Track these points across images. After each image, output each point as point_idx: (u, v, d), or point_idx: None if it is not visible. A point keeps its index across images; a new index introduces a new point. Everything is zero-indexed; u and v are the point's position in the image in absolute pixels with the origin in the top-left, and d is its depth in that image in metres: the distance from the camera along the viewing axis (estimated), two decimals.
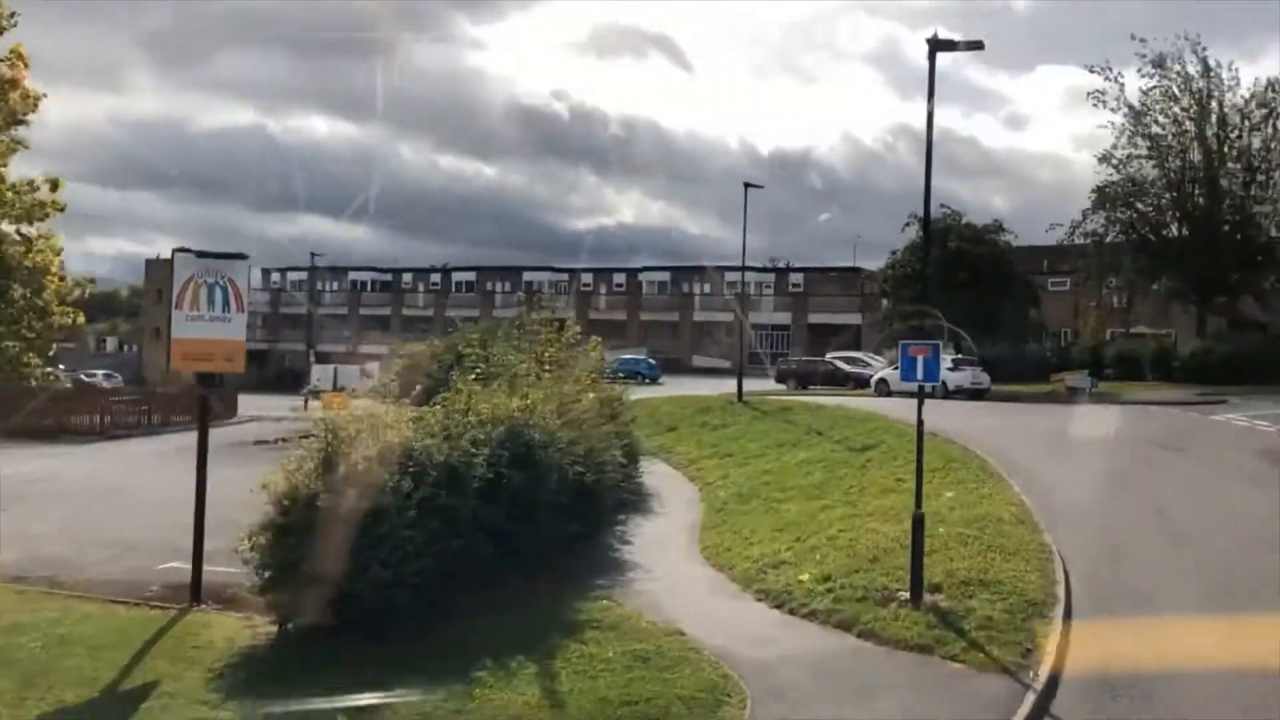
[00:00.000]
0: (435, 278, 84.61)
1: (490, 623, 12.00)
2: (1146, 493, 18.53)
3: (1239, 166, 45.97)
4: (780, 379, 53.97)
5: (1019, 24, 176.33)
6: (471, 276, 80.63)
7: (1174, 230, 47.74)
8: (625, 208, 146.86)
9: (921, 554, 12.76)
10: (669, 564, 15.99)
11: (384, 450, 12.14)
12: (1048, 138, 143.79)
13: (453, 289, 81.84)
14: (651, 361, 61.30)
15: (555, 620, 12.21)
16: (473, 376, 17.70)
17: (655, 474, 24.46)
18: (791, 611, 12.92)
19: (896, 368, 41.81)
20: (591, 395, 20.78)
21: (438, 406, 14.80)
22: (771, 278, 76.14)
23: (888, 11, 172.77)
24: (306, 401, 41.76)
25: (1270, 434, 26.37)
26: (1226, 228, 46.48)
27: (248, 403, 45.34)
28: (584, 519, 16.01)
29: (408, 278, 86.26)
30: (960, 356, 41.15)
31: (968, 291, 43.60)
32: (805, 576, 14.00)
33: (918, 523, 12.83)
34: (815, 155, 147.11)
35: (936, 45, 12.62)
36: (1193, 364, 44.48)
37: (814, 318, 69.85)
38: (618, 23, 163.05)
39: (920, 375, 13.07)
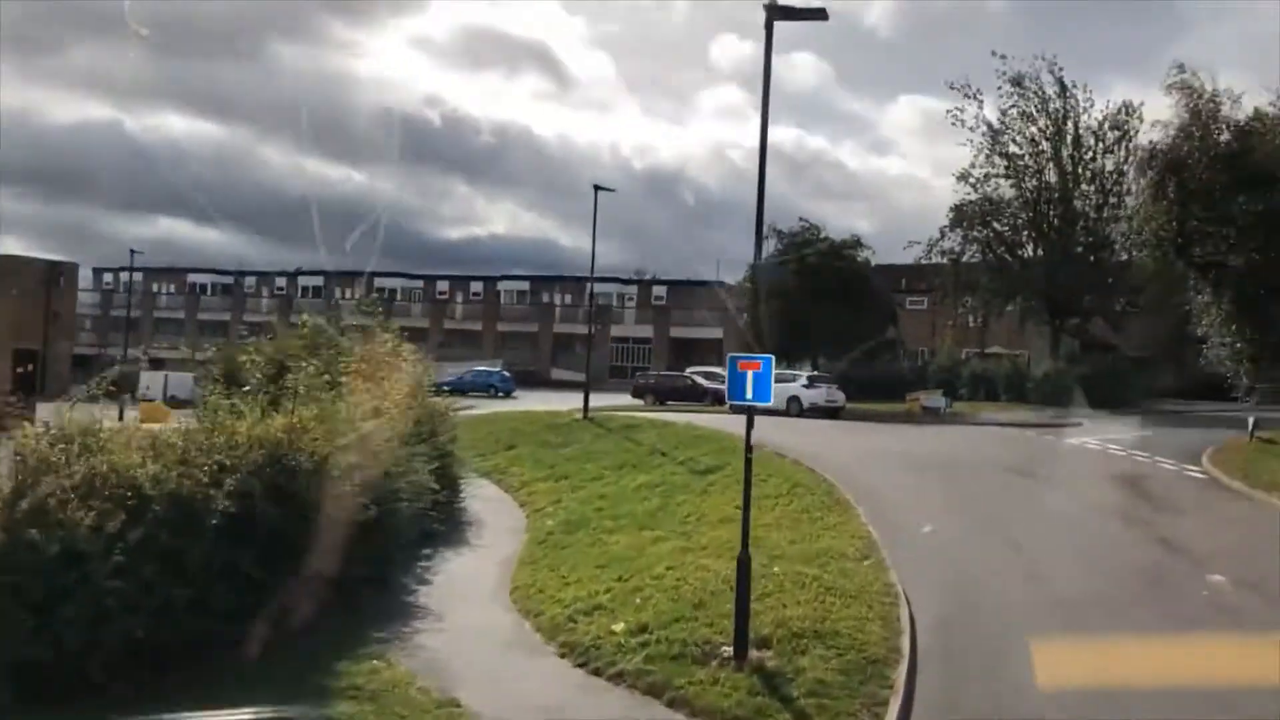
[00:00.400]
0: (281, 282, 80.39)
1: (218, 693, 9.66)
2: (1001, 524, 17.22)
3: (1093, 188, 46.37)
4: (637, 394, 52.37)
5: (883, 52, 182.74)
6: (319, 281, 76.65)
7: (1030, 250, 47.91)
8: (497, 218, 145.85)
9: (747, 604, 10.95)
10: (468, 610, 13.84)
11: (88, 479, 9.74)
12: (910, 163, 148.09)
13: (299, 294, 77.83)
14: (506, 374, 58.95)
15: (303, 689, 9.96)
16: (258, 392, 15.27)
17: (482, 499, 22.32)
18: (596, 671, 10.92)
19: None
20: (395, 412, 18.50)
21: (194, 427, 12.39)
22: (634, 290, 74.61)
23: (758, 34, 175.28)
24: (122, 411, 38.13)
25: (1121, 458, 25.74)
26: (1080, 249, 46.80)
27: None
28: (371, 558, 13.72)
29: (251, 281, 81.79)
30: (816, 374, 40.16)
31: (826, 307, 42.76)
32: (619, 627, 12.06)
33: (743, 567, 11.02)
34: (688, 171, 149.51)
35: (774, 12, 10.87)
36: (1045, 386, 44.53)
37: (677, 331, 68.33)
38: (492, 30, 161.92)
39: (749, 393, 11.25)
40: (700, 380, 52.35)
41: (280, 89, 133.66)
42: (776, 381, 35.97)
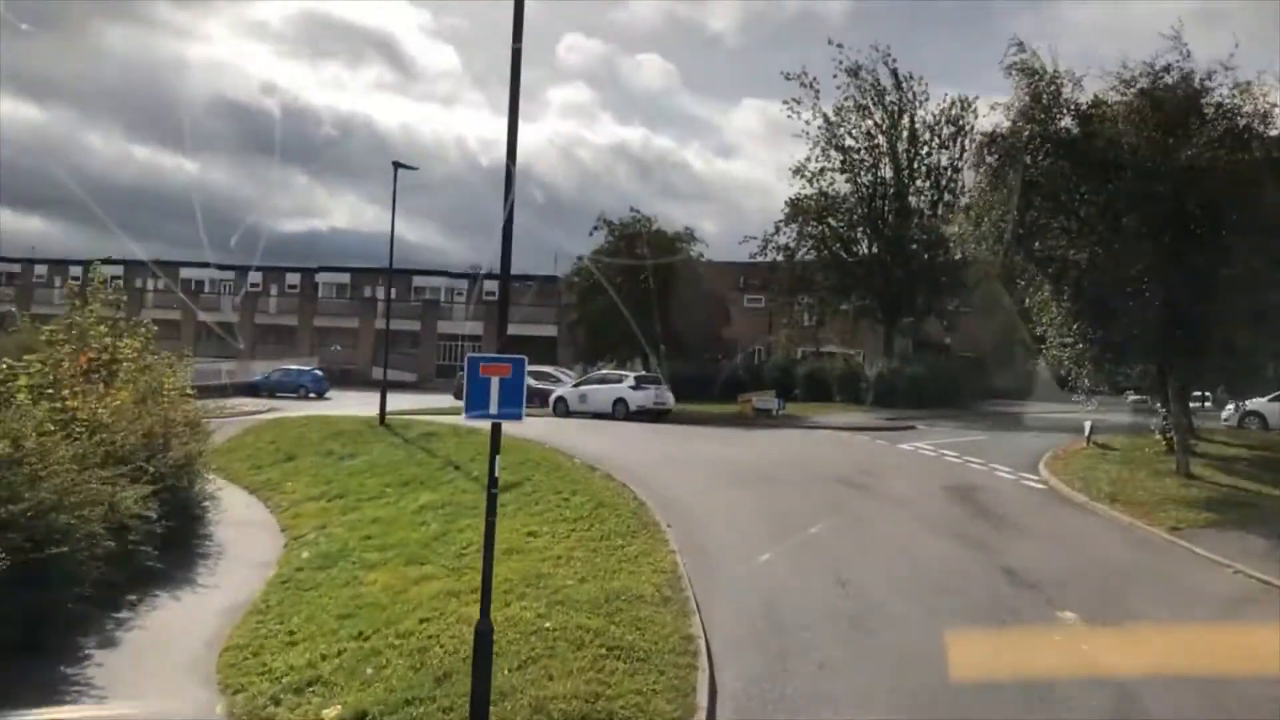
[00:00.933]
0: (76, 271, 73.23)
1: None
2: (828, 550, 14.87)
3: (928, 184, 45.44)
4: (459, 395, 48.96)
5: (727, 56, 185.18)
6: (119, 271, 69.98)
7: (865, 248, 46.65)
8: (339, 211, 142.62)
9: (486, 689, 8.26)
10: (148, 685, 10.62)
11: None
12: (755, 166, 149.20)
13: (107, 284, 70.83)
14: (318, 373, 54.65)
15: None
16: None
17: (238, 524, 18.89)
18: None
19: (579, 385, 37.97)
20: (108, 420, 15.05)
21: None
22: (465, 285, 70.97)
23: (605, 33, 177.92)
24: None
25: (956, 465, 24.08)
26: (915, 246, 45.81)
27: None
28: (16, 618, 10.36)
29: (41, 270, 74.48)
30: (644, 374, 37.75)
31: (656, 302, 40.43)
32: (331, 714, 9.11)
33: (482, 640, 8.25)
34: (536, 169, 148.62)
35: None
36: (880, 386, 43.32)
37: (511, 329, 64.81)
38: (333, 18, 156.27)
39: (493, 404, 8.48)
40: (529, 381, 49.48)
41: (104, 71, 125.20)
42: (602, 383, 33.13)
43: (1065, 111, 21.86)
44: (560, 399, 37.31)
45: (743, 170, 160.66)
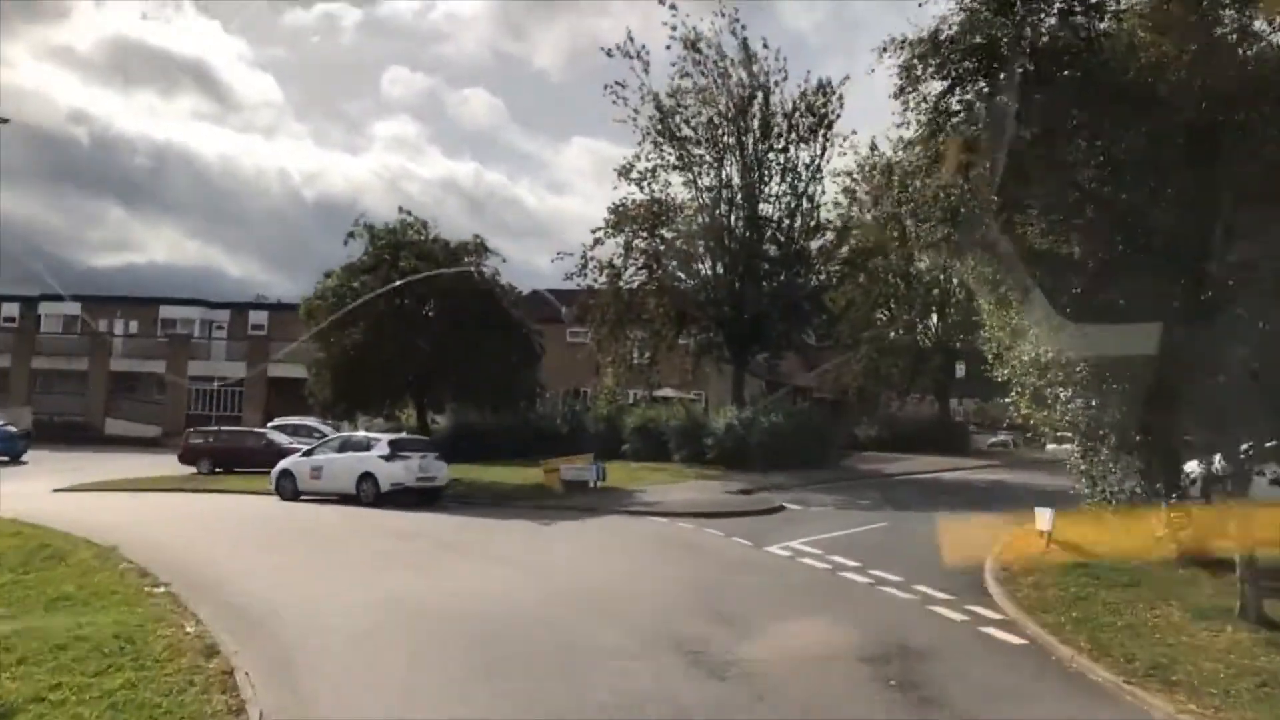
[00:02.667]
0: None
1: None
2: None
3: (784, 188, 36.43)
4: (187, 459, 37.53)
5: (554, 94, 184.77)
6: None
7: (707, 267, 37.27)
8: (157, 245, 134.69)
9: None
10: None
11: None
12: (588, 203, 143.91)
13: None
14: (11, 430, 41.64)
15: None
16: None
17: None
18: None
19: (312, 453, 27.02)
20: None
21: None
22: (227, 316, 58.57)
23: (429, 67, 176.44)
24: None
25: (862, 591, 14.43)
26: (768, 265, 36.77)
27: None
28: None
29: None
30: (403, 436, 27.00)
31: (434, 333, 30.05)
32: None
33: None
34: (363, 201, 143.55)
35: None
36: (728, 441, 33.86)
37: (278, 369, 52.49)
38: (144, 45, 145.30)
39: None
40: (279, 438, 38.20)
41: None
42: (343, 450, 21.96)
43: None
44: (285, 474, 26.30)
45: (576, 206, 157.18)
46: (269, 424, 44.79)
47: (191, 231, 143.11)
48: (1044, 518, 18.31)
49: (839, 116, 36.09)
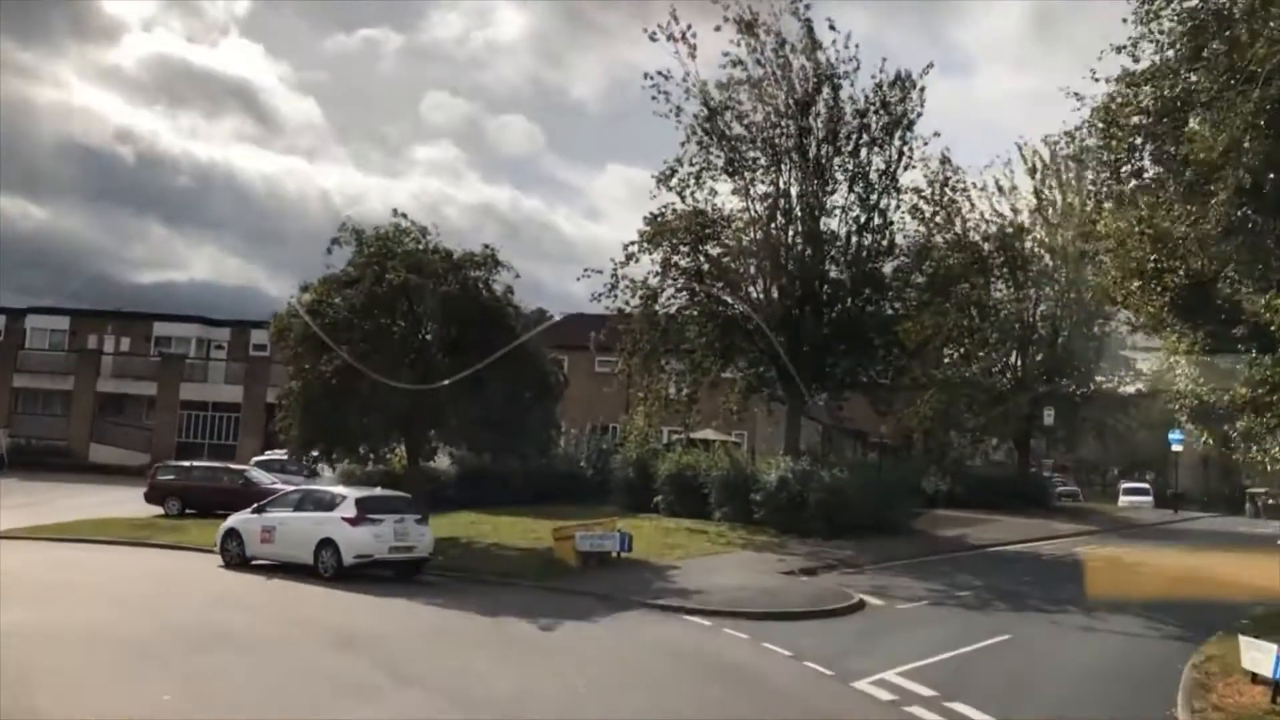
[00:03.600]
0: None
1: None
2: None
3: (854, 198, 30.81)
4: (154, 498, 32.94)
5: (592, 123, 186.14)
6: None
7: (760, 290, 31.68)
8: (198, 263, 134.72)
9: None
10: None
11: None
12: (623, 231, 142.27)
13: None
14: None
15: None
16: None
17: None
18: None
19: (264, 509, 21.71)
20: None
21: None
22: (227, 334, 53.70)
23: (469, 93, 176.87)
24: None
25: None
26: (831, 290, 31.19)
27: None
28: None
29: None
30: (374, 494, 21.35)
31: (435, 360, 24.80)
32: None
33: None
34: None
35: None
36: (781, 498, 28.16)
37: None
38: (190, 67, 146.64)
39: None
40: (259, 476, 33.29)
41: None
42: (299, 507, 17.15)
43: None
44: (231, 534, 21.09)
45: (611, 234, 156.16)
46: (261, 456, 39.93)
47: (232, 250, 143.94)
48: (1262, 655, 12.54)
49: (920, 116, 30.59)
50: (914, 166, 32.01)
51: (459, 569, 21.07)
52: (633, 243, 30.24)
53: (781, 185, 30.82)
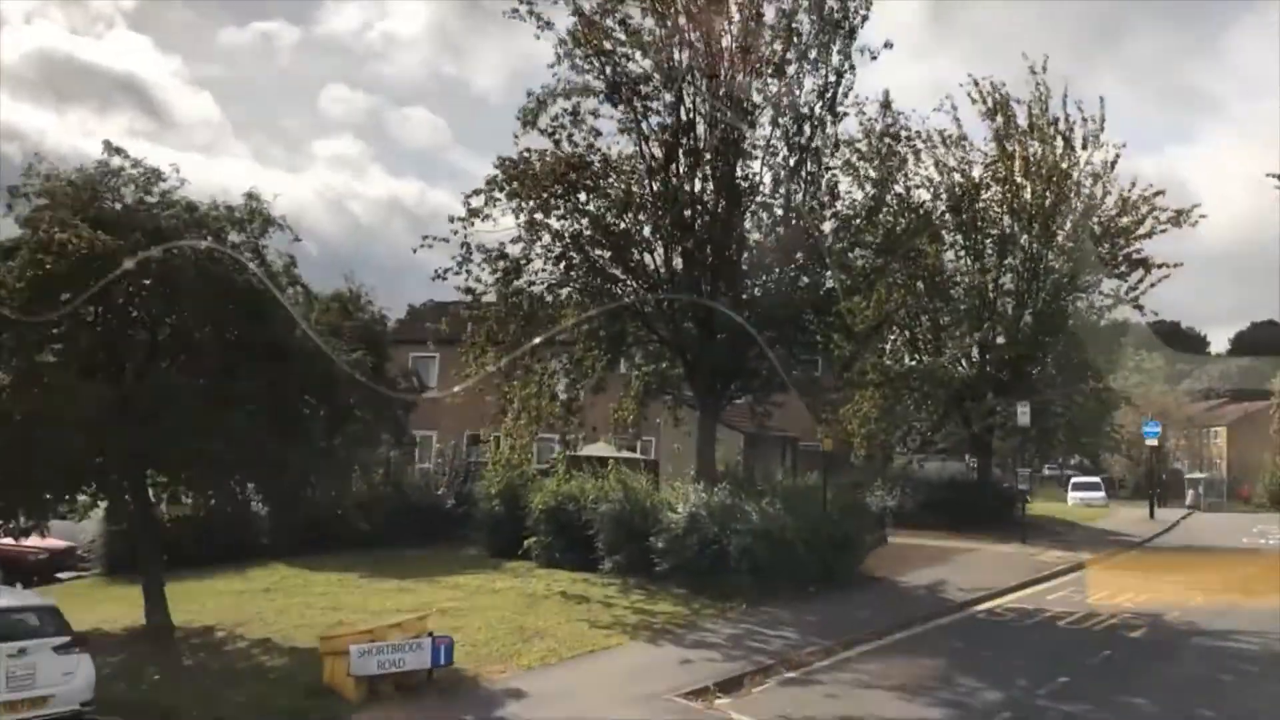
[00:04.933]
0: None
1: None
2: None
3: (778, 134, 22.92)
4: None
5: (496, 115, 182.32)
6: None
7: (659, 260, 23.63)
8: None
9: None
10: None
11: None
12: None
13: None
14: None
15: None
16: None
17: None
18: None
19: None
20: None
21: None
22: None
23: (369, 86, 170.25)
24: None
25: None
26: (754, 257, 23.29)
27: None
28: None
29: None
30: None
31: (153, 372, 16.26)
32: None
33: None
34: (306, 221, 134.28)
35: None
36: (690, 544, 20.25)
37: None
38: (75, 61, 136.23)
39: None
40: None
41: None
42: None
43: None
44: None
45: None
46: None
47: None
48: None
49: (865, 20, 22.82)
50: (848, 114, 24.26)
51: (149, 716, 12.56)
52: (477, 192, 21.88)
53: (684, 116, 22.75)
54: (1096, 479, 58.55)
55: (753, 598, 19.20)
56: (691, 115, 22.71)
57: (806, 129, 23.15)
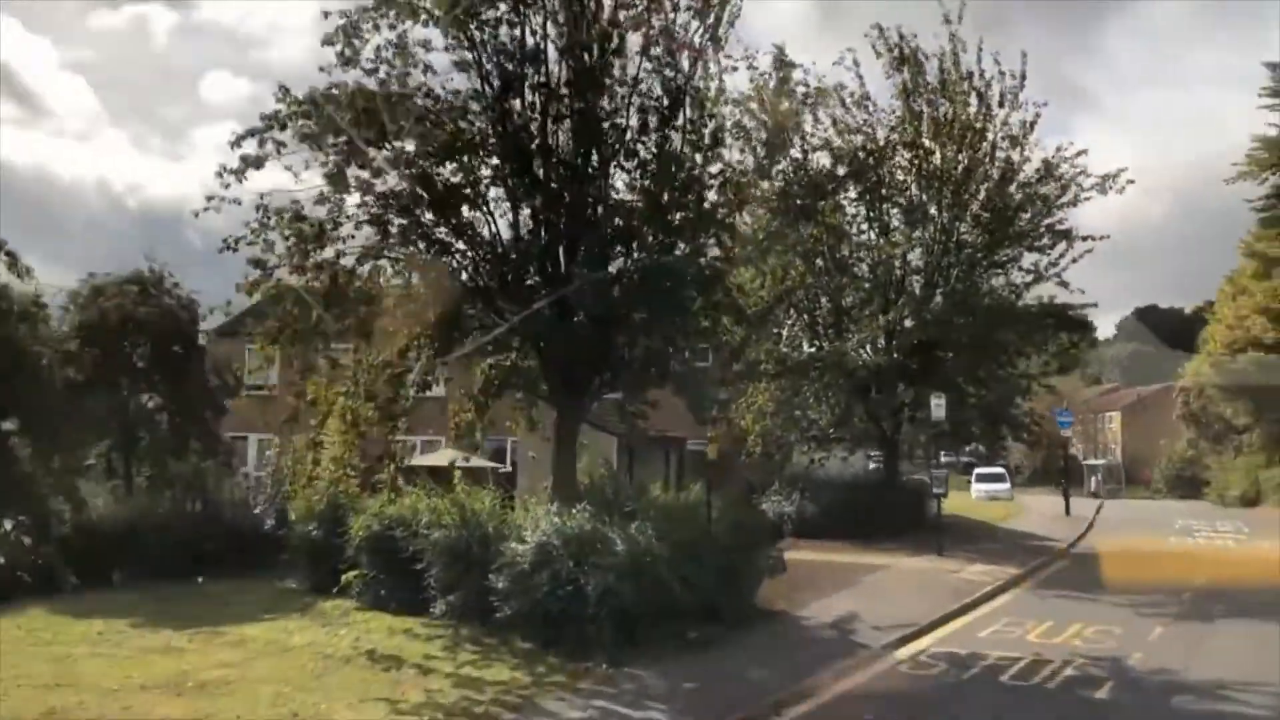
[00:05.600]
0: None
1: None
2: None
3: (648, 65, 18.42)
4: None
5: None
6: None
7: (501, 221, 19.01)
8: None
9: None
10: None
11: None
12: None
13: None
14: None
15: None
16: None
17: None
18: None
19: None
20: None
21: None
22: None
23: (252, 72, 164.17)
24: None
25: None
26: (620, 217, 18.79)
27: None
28: None
29: None
30: None
31: None
32: None
33: None
34: (188, 214, 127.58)
35: None
36: (540, 583, 15.66)
37: None
38: None
39: None
40: None
41: None
42: None
43: None
44: None
45: None
46: None
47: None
48: None
49: None
50: (736, 67, 19.80)
51: None
52: (251, 132, 16.85)
53: (531, 40, 18.11)
54: (1000, 469, 56.03)
55: (616, 654, 14.76)
56: (540, 38, 18.07)
57: (684, 61, 18.66)
